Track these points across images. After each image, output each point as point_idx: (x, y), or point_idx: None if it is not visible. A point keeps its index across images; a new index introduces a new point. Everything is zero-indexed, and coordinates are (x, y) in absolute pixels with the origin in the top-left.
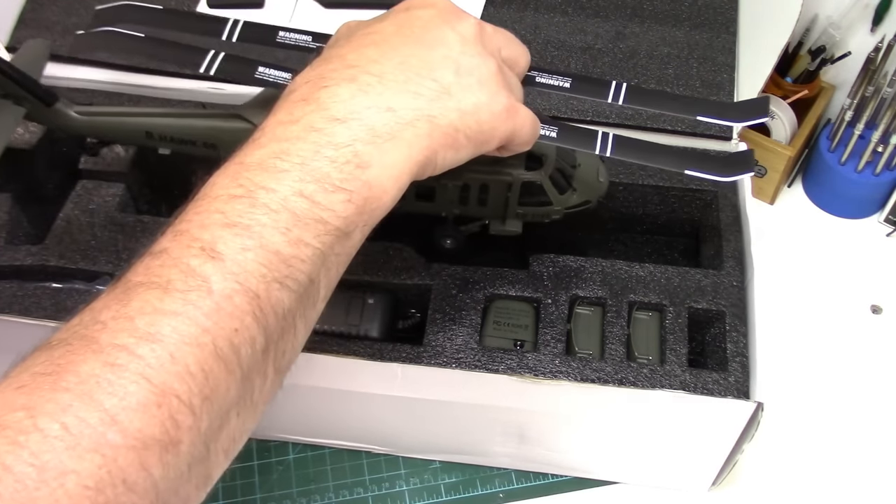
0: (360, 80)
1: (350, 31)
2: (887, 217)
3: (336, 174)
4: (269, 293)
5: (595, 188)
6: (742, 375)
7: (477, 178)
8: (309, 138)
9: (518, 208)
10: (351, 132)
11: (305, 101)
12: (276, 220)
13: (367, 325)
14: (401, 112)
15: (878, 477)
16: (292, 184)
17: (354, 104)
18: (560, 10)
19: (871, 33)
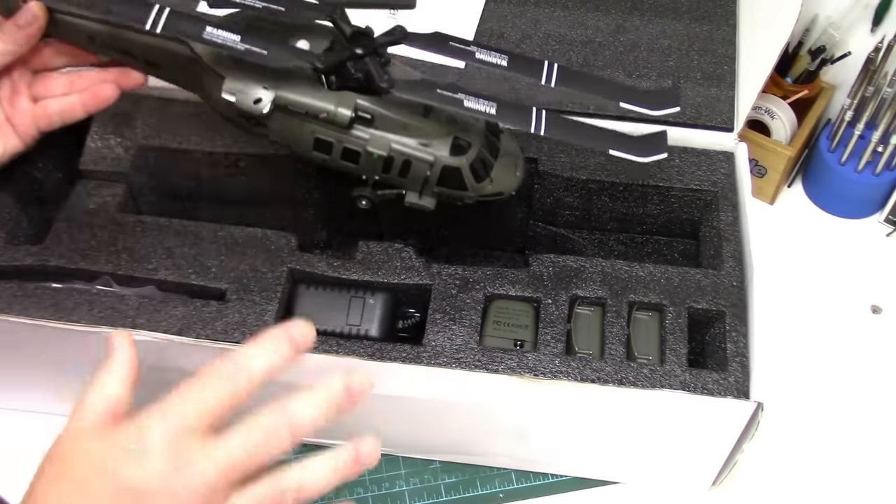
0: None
1: (50, 484)
2: (887, 217)
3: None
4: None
5: (511, 181)
6: (742, 375)
7: (402, 152)
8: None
9: (435, 188)
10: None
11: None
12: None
13: (367, 325)
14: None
15: (878, 477)
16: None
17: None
18: (560, 5)
19: (871, 33)
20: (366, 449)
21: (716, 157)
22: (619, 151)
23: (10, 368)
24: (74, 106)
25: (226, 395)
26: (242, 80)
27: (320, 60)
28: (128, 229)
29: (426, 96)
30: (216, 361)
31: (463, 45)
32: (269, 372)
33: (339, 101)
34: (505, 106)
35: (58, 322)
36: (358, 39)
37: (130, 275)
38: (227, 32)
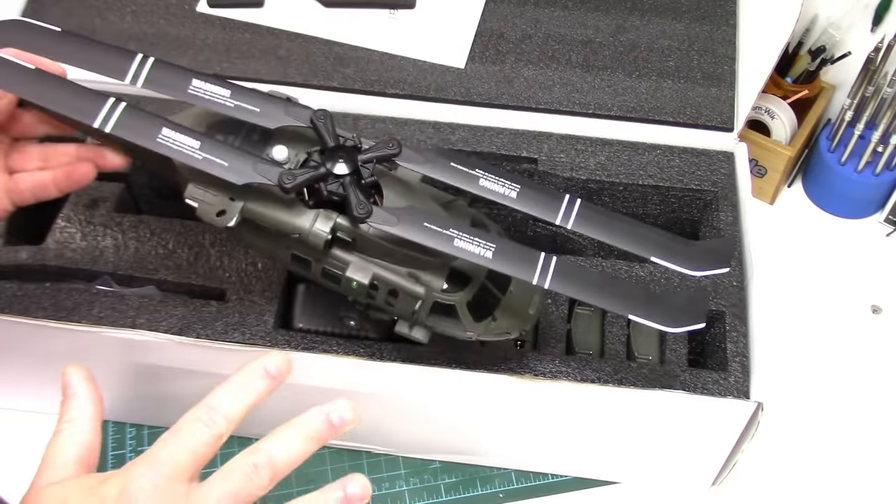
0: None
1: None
2: (887, 217)
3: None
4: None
5: (521, 320)
6: (742, 375)
7: (387, 280)
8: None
9: (427, 321)
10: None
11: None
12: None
13: (367, 325)
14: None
15: (878, 477)
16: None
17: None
18: (560, 5)
19: (871, 33)
20: (336, 414)
21: (716, 157)
22: (642, 319)
23: (10, 368)
24: (47, 183)
25: (206, 441)
26: (208, 187)
27: (287, 178)
28: (128, 229)
29: (407, 231)
30: (193, 409)
31: (468, 168)
32: (247, 409)
33: (316, 221)
34: (505, 250)
35: (58, 322)
36: (338, 154)
37: (130, 275)
38: (186, 137)
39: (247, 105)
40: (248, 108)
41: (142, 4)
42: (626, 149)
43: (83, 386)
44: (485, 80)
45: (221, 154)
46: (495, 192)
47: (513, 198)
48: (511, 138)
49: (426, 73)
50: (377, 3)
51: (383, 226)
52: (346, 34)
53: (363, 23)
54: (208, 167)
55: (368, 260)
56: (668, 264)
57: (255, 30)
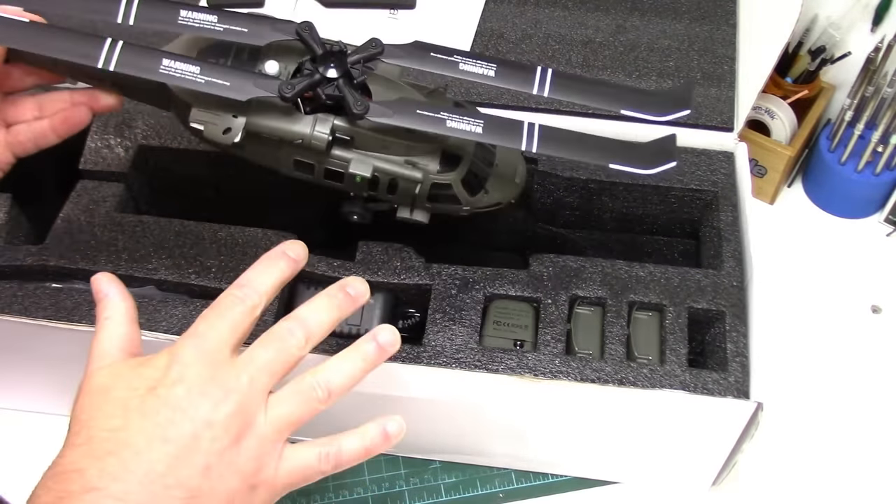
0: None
1: (94, 409)
2: (887, 217)
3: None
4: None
5: (510, 189)
6: (742, 375)
7: (387, 171)
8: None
9: (427, 203)
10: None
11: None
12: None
13: (367, 325)
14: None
15: (878, 477)
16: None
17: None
18: (560, 5)
19: (871, 33)
20: (392, 426)
21: (716, 157)
22: (621, 164)
23: (10, 368)
24: (45, 132)
25: (243, 311)
26: (210, 108)
27: (287, 88)
28: (128, 229)
29: (404, 120)
30: (228, 289)
31: (446, 55)
32: (275, 286)
33: (315, 125)
34: (492, 124)
35: (58, 322)
36: (328, 60)
37: (130, 275)
38: (185, 64)
39: (235, 27)
40: (237, 30)
41: None
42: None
43: (112, 287)
44: None
45: (221, 75)
46: (475, 73)
47: (491, 76)
48: None
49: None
50: (377, 3)
51: (381, 118)
52: (346, 34)
53: (363, 23)
54: (211, 89)
55: (367, 154)
56: (637, 113)
57: None
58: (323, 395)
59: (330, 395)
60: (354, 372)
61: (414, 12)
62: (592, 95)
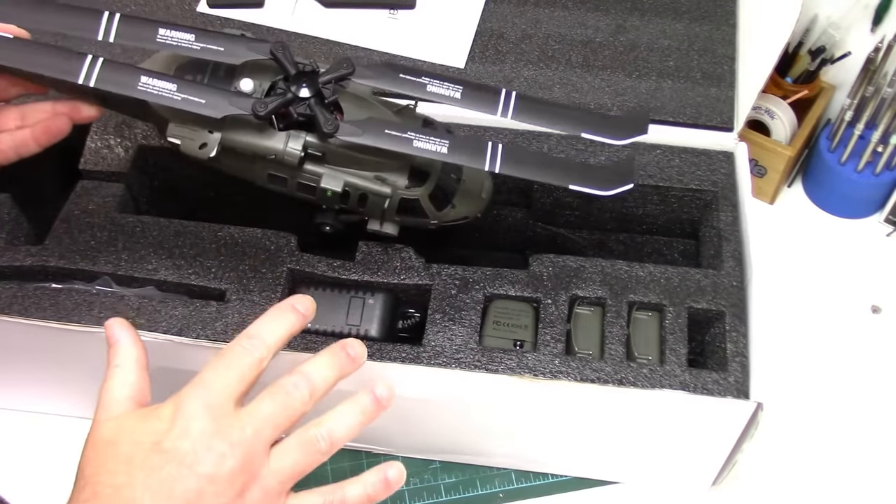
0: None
1: (99, 464)
2: (887, 217)
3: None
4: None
5: (476, 204)
6: (742, 375)
7: (357, 185)
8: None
9: (396, 216)
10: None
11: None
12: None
13: (367, 325)
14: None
15: (878, 477)
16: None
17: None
18: (560, 5)
19: (871, 33)
20: (393, 473)
21: (716, 157)
22: (580, 186)
23: (10, 369)
24: (27, 140)
25: (250, 364)
26: (187, 124)
27: (260, 107)
28: (128, 229)
29: (372, 139)
30: (235, 339)
31: (414, 76)
32: (283, 340)
33: (288, 141)
34: (457, 144)
35: (58, 322)
36: (301, 80)
37: (130, 275)
38: (163, 81)
39: (211, 46)
40: (213, 49)
41: (142, 4)
42: (626, 149)
43: (124, 333)
44: (484, 80)
45: (197, 93)
46: (441, 94)
47: (457, 98)
48: (511, 138)
49: None
50: (377, 3)
51: (350, 137)
52: (346, 34)
53: (363, 23)
54: (187, 106)
55: (338, 169)
56: (597, 137)
57: (255, 30)
58: (326, 447)
59: (332, 446)
60: (354, 424)
61: (414, 12)
62: (554, 119)
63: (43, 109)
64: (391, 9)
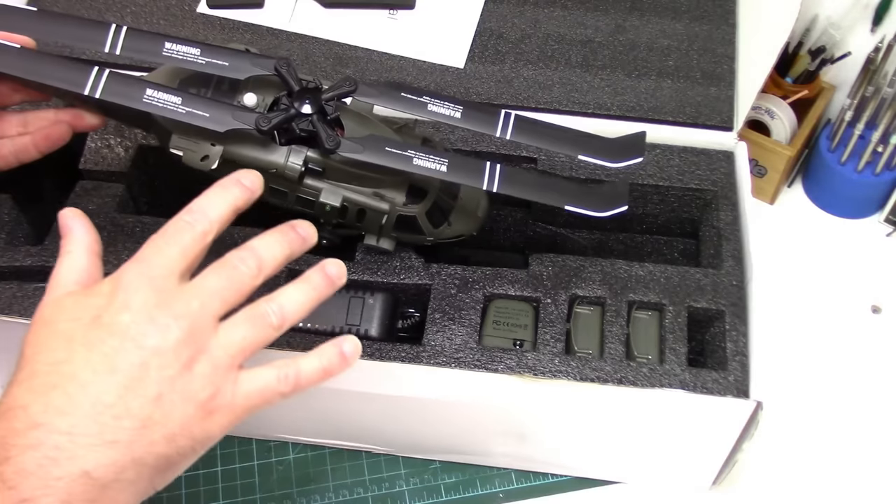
0: (47, 443)
1: (38, 343)
2: (887, 217)
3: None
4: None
5: (472, 222)
6: (742, 374)
7: (355, 201)
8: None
9: (392, 233)
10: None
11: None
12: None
13: (366, 325)
14: (98, 472)
15: (878, 476)
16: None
17: (44, 477)
18: (560, 4)
19: (871, 33)
20: (348, 345)
21: (715, 157)
22: (576, 207)
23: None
24: (27, 146)
25: (193, 237)
26: (190, 136)
27: (263, 122)
28: (128, 229)
29: (373, 156)
30: (178, 214)
31: (416, 95)
32: (227, 214)
33: (289, 156)
34: (457, 163)
35: None
36: (304, 97)
37: None
38: (168, 94)
39: (216, 60)
40: (218, 63)
41: (142, 5)
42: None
43: (77, 221)
44: (484, 80)
45: (201, 107)
46: (442, 114)
47: (458, 118)
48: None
49: (426, 73)
50: (377, 4)
51: (351, 154)
52: (345, 34)
53: (363, 23)
54: (192, 119)
55: (337, 185)
56: (593, 160)
57: (254, 30)
58: (276, 321)
59: (283, 321)
60: (305, 300)
61: (413, 12)
62: (552, 140)
63: (45, 117)
64: (391, 9)
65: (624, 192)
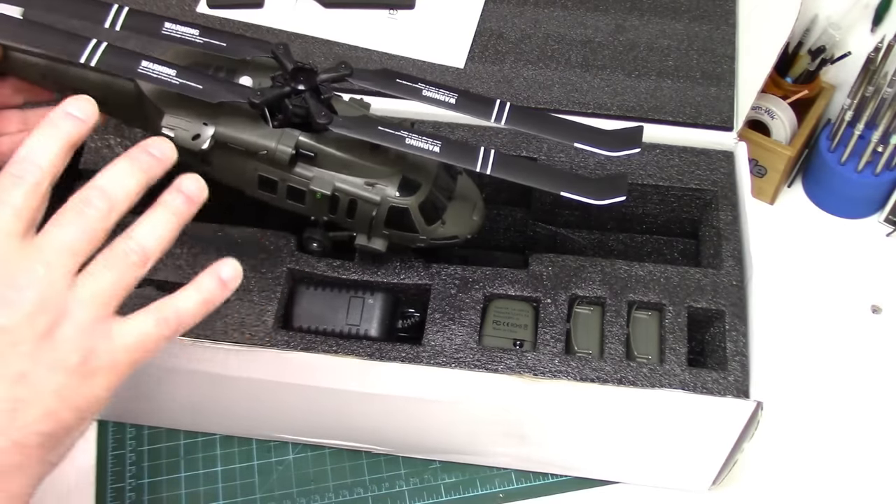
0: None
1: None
2: (887, 217)
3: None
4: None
5: (467, 224)
6: (741, 375)
7: (346, 191)
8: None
9: (384, 229)
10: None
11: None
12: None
13: (366, 325)
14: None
15: (878, 476)
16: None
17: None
18: (560, 4)
19: (871, 33)
20: (227, 270)
21: (715, 157)
22: (572, 194)
23: None
24: None
25: (25, 191)
26: (182, 115)
27: (257, 95)
28: None
29: (366, 133)
30: (4, 168)
31: (411, 82)
32: (60, 155)
33: (280, 139)
34: (450, 145)
35: None
36: (299, 75)
37: None
38: (162, 67)
39: (214, 41)
40: (216, 43)
41: (142, 4)
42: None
43: None
44: (484, 80)
45: (195, 79)
46: (437, 99)
47: (452, 104)
48: (511, 138)
49: (426, 73)
50: (377, 4)
51: (343, 130)
52: (345, 34)
53: (363, 23)
54: (185, 90)
55: (329, 173)
56: (590, 148)
57: (254, 30)
58: (139, 258)
59: (146, 256)
60: (167, 229)
61: (413, 12)
62: (547, 128)
63: (45, 114)
64: (391, 9)
65: (622, 184)
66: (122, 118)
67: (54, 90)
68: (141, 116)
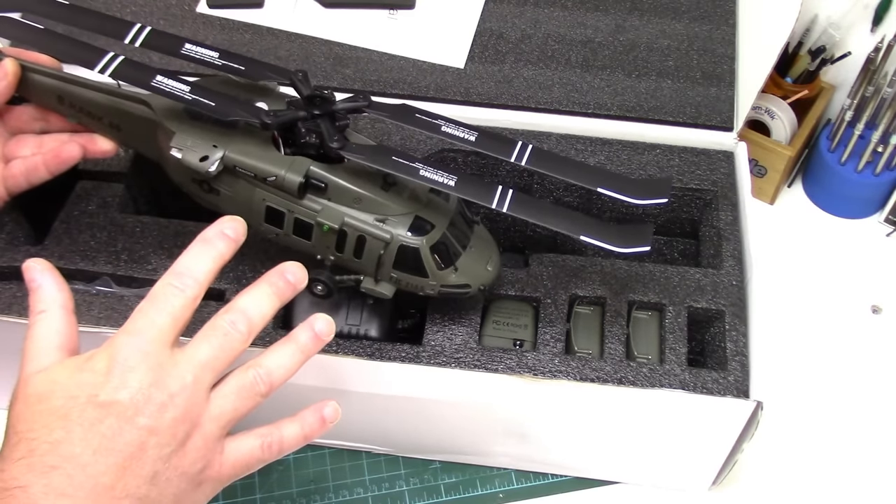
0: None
1: (32, 419)
2: (887, 217)
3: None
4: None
5: (481, 275)
6: (741, 375)
7: (356, 226)
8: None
9: (392, 271)
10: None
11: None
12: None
13: (367, 325)
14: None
15: (877, 476)
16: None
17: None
18: (560, 5)
19: (871, 33)
20: (329, 411)
21: (715, 157)
22: (592, 238)
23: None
24: (38, 166)
25: (182, 304)
26: (192, 136)
27: (270, 116)
28: (128, 229)
29: (379, 162)
30: (163, 278)
31: (430, 118)
32: (214, 272)
33: (291, 166)
34: (466, 180)
35: None
36: (314, 102)
37: (130, 275)
38: (176, 82)
39: (233, 64)
40: (234, 66)
41: (142, 5)
42: (626, 148)
43: (46, 276)
44: (484, 80)
45: (208, 96)
46: (456, 136)
47: (472, 140)
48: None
49: (426, 74)
50: (377, 4)
51: (356, 157)
52: (345, 34)
53: (363, 23)
54: (197, 106)
55: (337, 207)
56: (614, 194)
57: (254, 30)
58: (265, 389)
59: (271, 388)
60: (293, 364)
61: (413, 12)
62: (570, 170)
63: (59, 139)
64: (391, 9)
65: (647, 233)
66: (137, 146)
67: (69, 115)
68: (155, 145)
